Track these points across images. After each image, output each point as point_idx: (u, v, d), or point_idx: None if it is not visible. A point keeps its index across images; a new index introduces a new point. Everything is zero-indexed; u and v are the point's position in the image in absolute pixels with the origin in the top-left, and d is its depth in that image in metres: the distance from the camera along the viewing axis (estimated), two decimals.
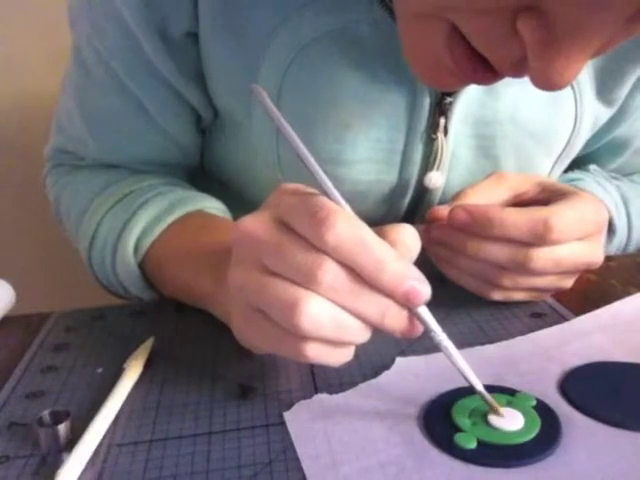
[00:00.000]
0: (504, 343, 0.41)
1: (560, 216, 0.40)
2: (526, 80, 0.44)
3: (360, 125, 0.49)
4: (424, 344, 0.42)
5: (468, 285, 0.45)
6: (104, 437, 0.34)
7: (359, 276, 0.31)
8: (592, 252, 0.43)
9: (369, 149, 0.50)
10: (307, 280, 0.31)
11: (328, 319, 0.31)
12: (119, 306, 0.51)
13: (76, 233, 0.57)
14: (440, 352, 0.39)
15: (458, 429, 0.32)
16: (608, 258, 0.54)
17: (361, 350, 0.39)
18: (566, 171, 0.61)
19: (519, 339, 0.42)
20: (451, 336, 0.40)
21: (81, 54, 0.54)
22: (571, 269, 0.43)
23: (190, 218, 0.51)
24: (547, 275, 0.43)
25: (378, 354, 0.40)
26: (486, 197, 0.45)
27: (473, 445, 0.31)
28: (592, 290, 0.49)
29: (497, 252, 0.41)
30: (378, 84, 0.48)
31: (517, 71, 0.35)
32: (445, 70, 0.38)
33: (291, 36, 0.47)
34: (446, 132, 0.50)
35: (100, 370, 0.42)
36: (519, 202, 0.45)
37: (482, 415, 0.33)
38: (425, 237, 0.43)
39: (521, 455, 0.31)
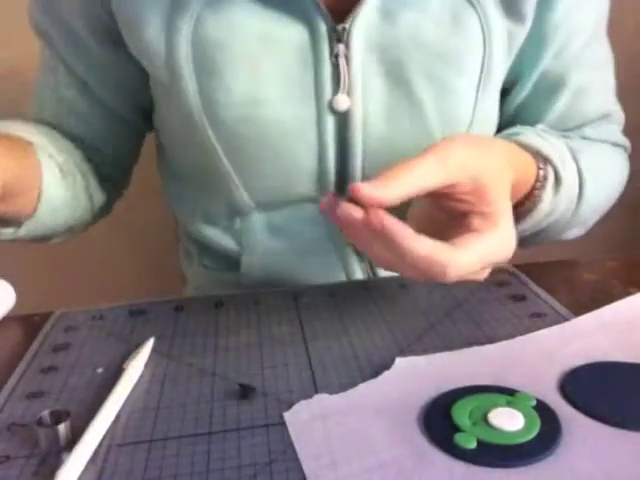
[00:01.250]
0: (504, 343, 0.41)
1: (458, 266, 0.37)
2: (423, 6, 0.51)
3: (268, 63, 0.52)
4: (424, 344, 0.42)
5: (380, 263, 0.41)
6: (104, 437, 0.34)
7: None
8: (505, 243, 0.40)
9: (282, 86, 0.53)
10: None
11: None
12: (119, 306, 0.51)
13: None
14: (440, 352, 0.40)
15: (458, 429, 0.32)
16: (608, 258, 0.54)
17: (361, 350, 0.40)
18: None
19: (519, 339, 0.42)
20: (451, 336, 0.41)
21: (41, 39, 0.59)
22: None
23: None
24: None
25: (378, 354, 0.40)
26: (416, 182, 0.38)
27: (473, 445, 0.31)
28: (592, 290, 0.49)
29: (401, 266, 0.38)
30: (278, 21, 0.52)
31: None
32: None
33: None
34: (347, 58, 0.52)
35: (100, 370, 0.42)
36: (445, 194, 0.40)
37: (482, 415, 0.33)
38: (333, 211, 0.38)
39: (521, 455, 0.31)
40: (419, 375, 0.38)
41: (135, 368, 0.40)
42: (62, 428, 0.34)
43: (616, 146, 0.62)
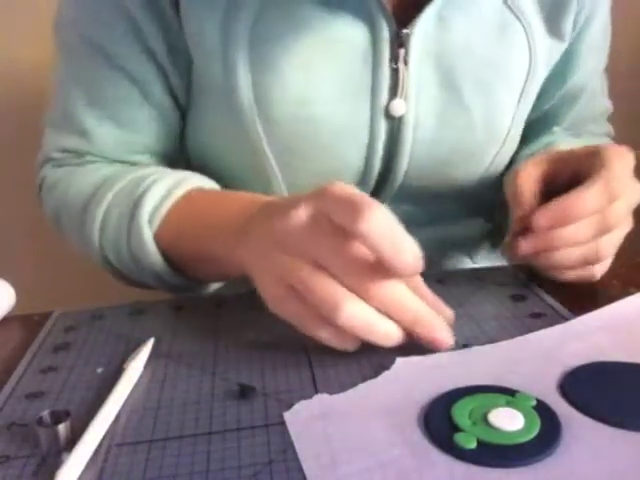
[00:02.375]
0: (504, 343, 0.41)
1: (615, 177, 0.45)
2: (473, 15, 0.54)
3: (327, 62, 0.53)
4: (424, 345, 0.42)
5: (571, 277, 0.48)
6: (104, 437, 0.34)
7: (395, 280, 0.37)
8: (638, 187, 0.47)
9: (338, 85, 0.53)
10: (352, 284, 0.37)
11: (362, 322, 0.37)
12: (119, 306, 0.51)
13: (81, 228, 0.56)
14: (440, 352, 0.40)
15: (458, 429, 0.32)
16: None
17: (361, 350, 0.40)
18: (530, 134, 0.65)
19: (519, 339, 0.42)
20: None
21: (75, 54, 0.57)
22: (632, 208, 0.47)
23: (196, 192, 0.53)
24: (622, 224, 0.47)
25: (378, 354, 0.40)
26: (533, 197, 0.48)
27: (473, 445, 0.31)
28: (592, 290, 0.49)
29: (584, 227, 0.45)
30: (340, 21, 0.52)
31: None
32: None
33: None
34: (407, 62, 0.54)
35: (100, 370, 0.42)
36: (550, 184, 0.49)
37: (482, 415, 0.33)
38: (514, 252, 0.47)
39: (521, 455, 0.31)
40: (419, 375, 0.38)
41: (135, 368, 0.40)
42: (62, 428, 0.33)
43: (610, 137, 0.71)
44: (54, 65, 0.61)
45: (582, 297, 0.48)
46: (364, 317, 0.37)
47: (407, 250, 0.36)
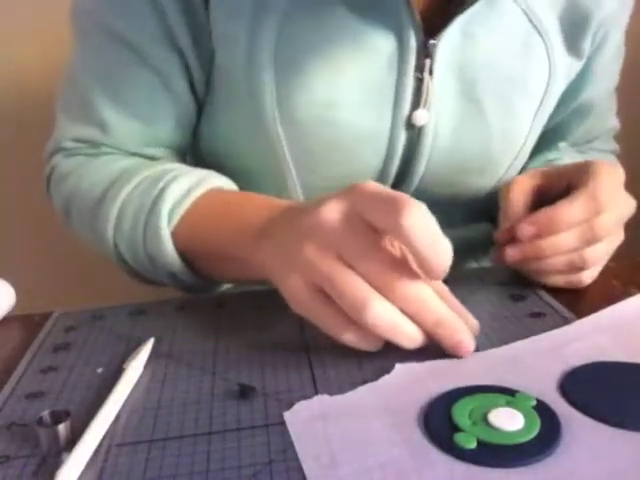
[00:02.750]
0: (504, 343, 0.41)
1: (601, 189, 0.46)
2: (498, 29, 0.55)
3: (353, 68, 0.53)
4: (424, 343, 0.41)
5: (559, 283, 0.49)
6: (104, 437, 0.34)
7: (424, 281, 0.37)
8: (629, 201, 0.49)
9: (362, 92, 0.53)
10: (379, 283, 0.37)
11: (388, 322, 0.37)
12: (119, 306, 0.51)
13: (94, 223, 0.55)
14: (440, 352, 0.40)
15: (458, 429, 0.32)
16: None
17: (363, 352, 0.39)
18: (537, 148, 0.65)
19: (519, 339, 0.42)
20: None
21: (93, 38, 0.56)
22: (622, 222, 0.49)
23: (215, 192, 0.52)
24: (610, 236, 0.47)
25: (379, 354, 0.40)
26: (523, 207, 0.50)
27: (473, 445, 0.31)
28: (592, 290, 0.49)
29: (569, 238, 0.46)
30: (368, 27, 0.52)
31: None
32: None
33: None
34: (431, 73, 0.54)
35: (100, 370, 0.42)
36: (545, 197, 0.50)
37: (482, 415, 0.33)
38: (501, 260, 0.49)
39: (521, 455, 0.31)
40: (419, 375, 0.38)
41: (135, 368, 0.40)
42: (62, 428, 0.33)
43: (615, 154, 0.72)
44: (58, 63, 0.61)
45: (582, 297, 0.48)
46: (390, 317, 0.37)
47: (443, 251, 0.36)
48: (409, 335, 0.38)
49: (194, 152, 0.67)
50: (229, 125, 0.59)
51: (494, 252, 0.51)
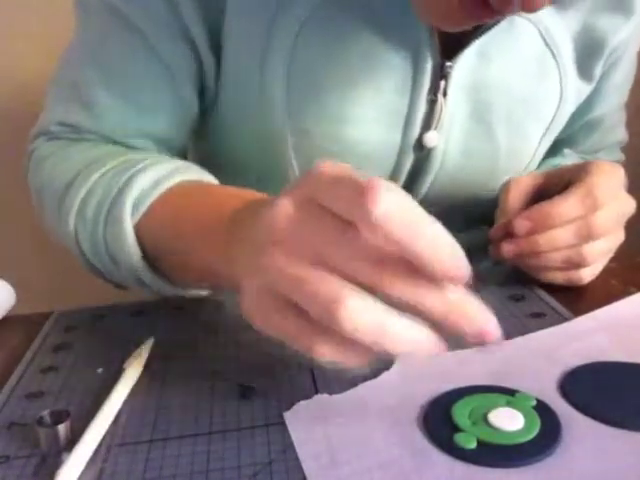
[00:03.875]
0: (504, 343, 0.41)
1: (598, 185, 0.46)
2: (514, 50, 0.54)
3: (366, 85, 0.52)
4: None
5: (558, 279, 0.49)
6: (104, 437, 0.34)
7: (413, 265, 0.29)
8: (629, 200, 0.49)
9: (374, 109, 0.53)
10: (361, 276, 0.29)
11: (371, 321, 0.29)
12: (119, 306, 0.51)
13: (59, 210, 0.50)
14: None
15: (458, 429, 0.32)
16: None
17: None
18: (544, 155, 0.65)
19: (519, 339, 0.42)
20: (452, 336, 0.40)
21: (99, 21, 0.53)
22: (622, 220, 0.48)
23: (189, 185, 0.48)
24: (608, 234, 0.47)
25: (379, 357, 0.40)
26: (521, 205, 0.50)
27: (473, 445, 0.31)
28: (592, 290, 0.49)
29: (565, 234, 0.46)
30: (384, 45, 0.51)
31: (506, 4, 0.39)
32: (449, 7, 0.41)
33: None
34: (445, 94, 0.53)
35: (100, 370, 0.42)
36: (545, 196, 0.49)
37: (482, 415, 0.33)
38: (497, 254, 0.49)
39: (521, 455, 0.31)
40: (419, 375, 0.38)
41: (135, 368, 0.40)
42: (62, 428, 0.33)
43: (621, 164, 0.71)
44: (50, 65, 0.59)
45: (582, 297, 0.48)
46: (372, 315, 0.29)
47: (443, 245, 0.29)
48: (402, 336, 0.29)
49: (197, 152, 0.66)
50: (236, 126, 0.58)
51: (491, 247, 0.51)
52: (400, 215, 0.28)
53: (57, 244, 0.54)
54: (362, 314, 0.28)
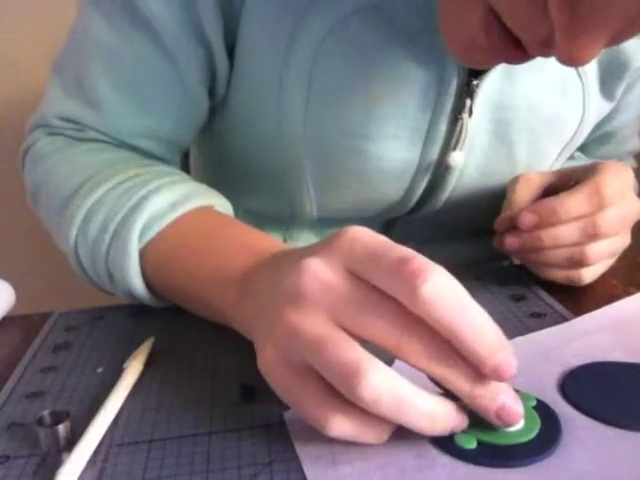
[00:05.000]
0: None
1: (606, 183, 0.46)
2: (540, 68, 0.52)
3: (388, 101, 0.50)
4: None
5: (558, 278, 0.49)
6: (104, 437, 0.34)
7: (446, 343, 0.29)
8: (637, 202, 0.49)
9: (395, 126, 0.51)
10: (389, 344, 0.29)
11: (392, 394, 0.28)
12: (119, 306, 0.51)
13: (58, 214, 0.50)
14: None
15: None
16: None
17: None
18: None
19: (519, 339, 0.42)
20: None
21: (110, 16, 0.50)
22: (628, 222, 0.48)
23: (202, 217, 0.47)
24: (614, 235, 0.47)
25: (379, 353, 0.40)
26: (528, 199, 0.50)
27: (473, 445, 0.31)
28: (592, 290, 0.49)
29: (570, 231, 0.46)
30: (409, 61, 0.49)
31: (545, 49, 0.37)
32: (478, 48, 0.40)
33: (332, 4, 0.48)
34: (470, 113, 0.52)
35: (100, 370, 0.42)
36: (550, 194, 0.49)
37: (482, 415, 0.33)
38: (501, 246, 0.49)
39: (521, 455, 0.31)
40: (419, 375, 0.38)
41: (135, 368, 0.40)
42: (62, 428, 0.33)
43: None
44: (49, 64, 0.58)
45: (582, 297, 0.48)
46: (395, 388, 0.29)
47: (488, 334, 0.28)
48: (423, 410, 0.29)
49: (201, 150, 0.66)
50: (247, 127, 0.56)
51: (495, 239, 0.51)
52: (448, 297, 0.28)
53: (57, 245, 0.54)
54: (385, 386, 0.28)
